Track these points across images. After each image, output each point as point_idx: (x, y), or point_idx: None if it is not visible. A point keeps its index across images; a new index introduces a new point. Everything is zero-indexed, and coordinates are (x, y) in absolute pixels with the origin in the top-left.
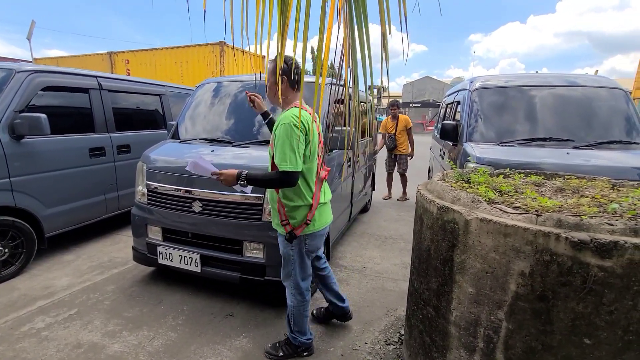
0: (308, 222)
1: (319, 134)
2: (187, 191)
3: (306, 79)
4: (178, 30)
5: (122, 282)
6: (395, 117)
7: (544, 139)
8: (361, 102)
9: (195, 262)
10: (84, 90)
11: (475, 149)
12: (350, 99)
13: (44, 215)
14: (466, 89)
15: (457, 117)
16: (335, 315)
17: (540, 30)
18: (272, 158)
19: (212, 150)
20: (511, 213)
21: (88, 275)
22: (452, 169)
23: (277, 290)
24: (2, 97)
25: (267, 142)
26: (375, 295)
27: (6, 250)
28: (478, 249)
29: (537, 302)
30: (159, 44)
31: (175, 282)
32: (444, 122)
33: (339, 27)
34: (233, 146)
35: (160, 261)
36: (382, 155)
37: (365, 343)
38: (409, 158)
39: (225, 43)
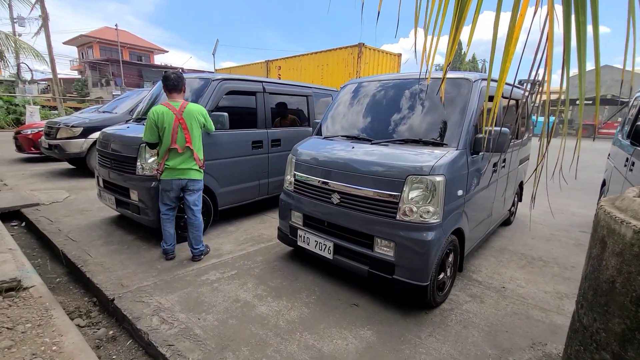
0: (159, 172)
1: (181, 122)
2: (327, 183)
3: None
4: (317, 37)
5: (268, 256)
6: None
7: None
8: (513, 98)
9: (328, 249)
10: (253, 93)
11: None
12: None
13: (219, 193)
14: None
15: None
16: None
17: None
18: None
19: (353, 147)
20: None
21: (244, 245)
22: None
23: (405, 291)
24: (202, 100)
25: (405, 141)
26: (516, 322)
27: None
28: None
29: None
30: (302, 50)
31: (309, 263)
32: None
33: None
34: (372, 144)
35: (299, 243)
36: None
37: None
38: None
39: (363, 44)
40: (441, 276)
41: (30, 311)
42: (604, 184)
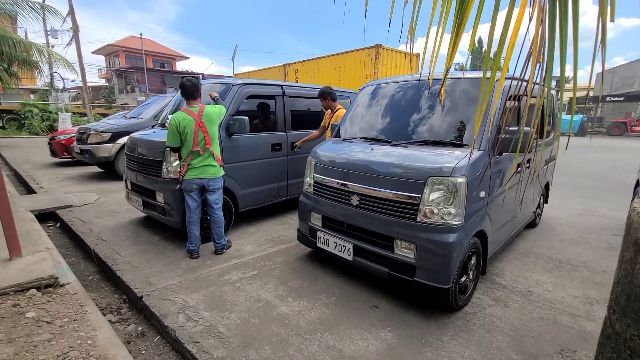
0: (181, 174)
1: (201, 126)
2: (347, 185)
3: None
4: (334, 39)
5: (288, 257)
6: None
7: None
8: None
9: (348, 250)
10: (272, 97)
11: None
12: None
13: (240, 195)
14: None
15: None
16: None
17: None
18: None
19: (372, 149)
20: None
21: (264, 246)
22: None
23: (426, 293)
24: (223, 104)
25: (424, 142)
26: (543, 327)
27: None
28: None
29: None
30: (319, 52)
31: (329, 264)
32: None
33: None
34: (391, 145)
35: (319, 244)
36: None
37: None
38: None
39: (381, 45)
40: (463, 279)
41: (67, 307)
42: (637, 184)
